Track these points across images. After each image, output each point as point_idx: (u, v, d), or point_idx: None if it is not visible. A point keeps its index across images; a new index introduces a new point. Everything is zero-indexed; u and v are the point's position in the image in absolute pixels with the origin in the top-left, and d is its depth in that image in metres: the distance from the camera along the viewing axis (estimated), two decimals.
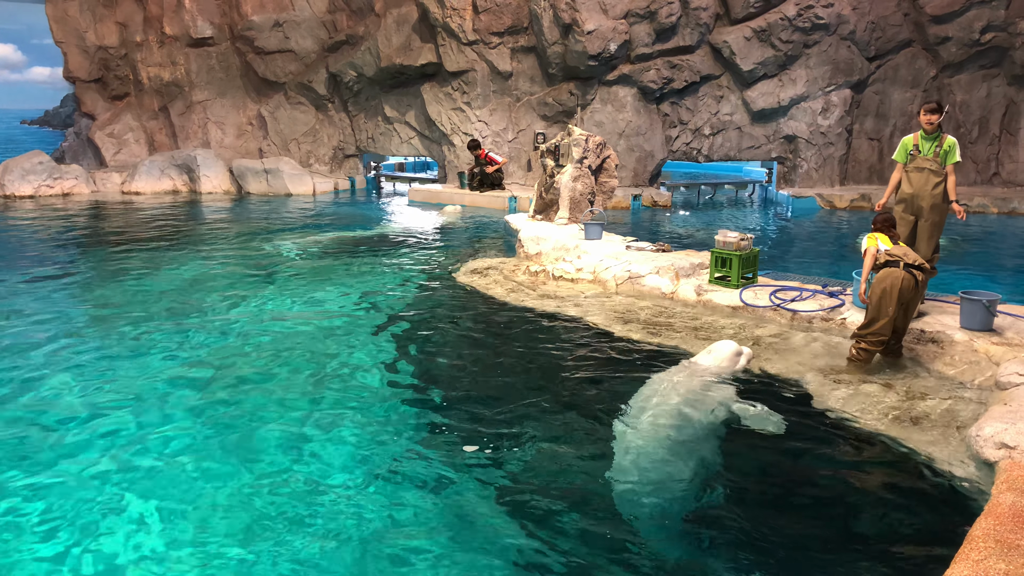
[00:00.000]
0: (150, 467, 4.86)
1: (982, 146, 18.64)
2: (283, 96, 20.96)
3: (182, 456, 5.00)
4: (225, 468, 4.84)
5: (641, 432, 5.09)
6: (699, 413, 5.34)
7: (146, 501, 4.45)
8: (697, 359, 6.29)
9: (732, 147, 18.80)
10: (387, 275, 10.18)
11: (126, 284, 9.60)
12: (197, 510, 4.37)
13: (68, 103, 24.98)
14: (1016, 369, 5.59)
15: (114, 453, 5.03)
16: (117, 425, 5.45)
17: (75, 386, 6.16)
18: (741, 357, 6.31)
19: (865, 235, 6.69)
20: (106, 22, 20.95)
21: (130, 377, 6.35)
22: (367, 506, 4.42)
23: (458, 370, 6.68)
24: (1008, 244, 13.81)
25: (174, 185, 19.70)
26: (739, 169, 22.30)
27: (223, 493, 4.54)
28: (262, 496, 4.51)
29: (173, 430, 5.38)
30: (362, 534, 4.15)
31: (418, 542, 4.08)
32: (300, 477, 4.74)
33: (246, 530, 4.18)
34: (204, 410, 5.71)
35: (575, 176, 12.06)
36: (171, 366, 6.65)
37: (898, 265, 6.21)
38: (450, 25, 18.01)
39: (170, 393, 6.04)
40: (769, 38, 17.58)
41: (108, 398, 5.92)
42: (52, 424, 5.48)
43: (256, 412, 5.67)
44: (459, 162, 19.06)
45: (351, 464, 4.92)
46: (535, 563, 3.93)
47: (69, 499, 4.47)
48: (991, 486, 4.10)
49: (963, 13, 17.62)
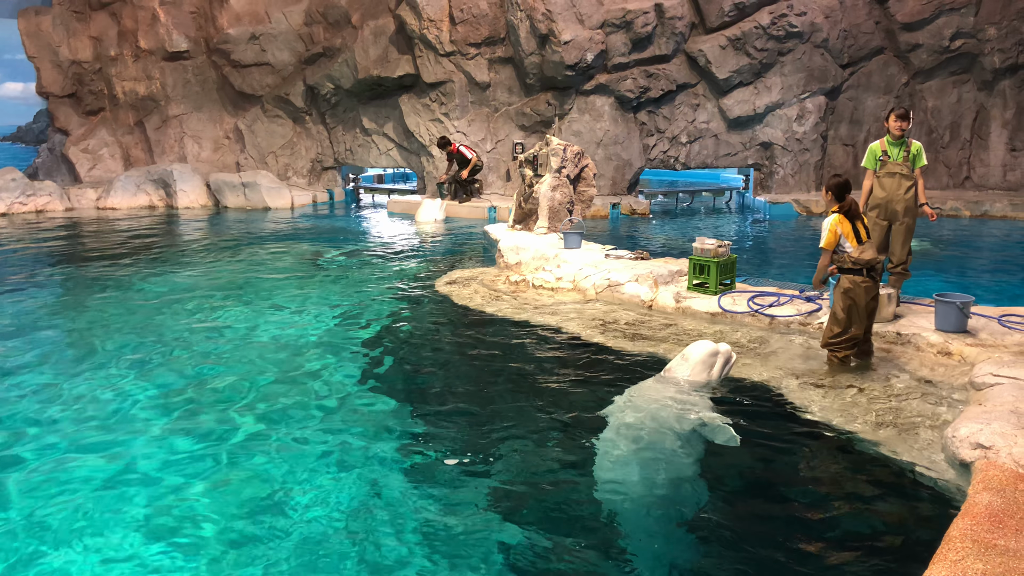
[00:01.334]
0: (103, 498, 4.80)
1: (954, 151, 18.91)
2: (260, 109, 20.88)
3: (162, 475, 4.94)
4: (195, 482, 4.79)
5: (614, 448, 5.08)
6: (670, 426, 5.34)
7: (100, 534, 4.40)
8: (672, 367, 6.10)
9: (709, 155, 18.95)
10: (366, 287, 10.14)
11: (98, 300, 9.50)
12: (184, 533, 4.32)
13: (41, 119, 24.78)
14: (990, 369, 5.66)
15: (82, 471, 4.96)
16: (87, 441, 5.38)
17: (31, 399, 6.08)
18: (718, 358, 6.06)
19: (826, 218, 6.33)
20: (80, 36, 20.79)
21: (98, 397, 6.27)
22: (344, 520, 4.38)
23: (438, 381, 6.66)
24: (981, 247, 14.00)
25: (150, 200, 19.54)
26: (716, 176, 22.49)
27: (199, 510, 4.50)
28: (238, 514, 4.46)
29: (142, 449, 5.32)
30: (342, 548, 4.11)
31: (400, 553, 4.06)
32: (272, 493, 4.69)
33: (225, 552, 4.13)
34: (177, 428, 5.65)
35: (554, 186, 12.10)
36: (139, 384, 6.56)
37: (862, 273, 6.22)
38: (427, 36, 18.04)
39: (135, 413, 5.95)
40: (744, 46, 17.76)
41: (73, 415, 5.85)
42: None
43: (230, 427, 5.62)
44: (437, 172, 19.05)
45: (325, 474, 4.88)
46: (520, 571, 3.92)
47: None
48: (968, 486, 4.14)
49: (933, 20, 17.91)
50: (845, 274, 6.25)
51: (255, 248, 13.26)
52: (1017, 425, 4.58)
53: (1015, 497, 3.83)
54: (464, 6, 17.90)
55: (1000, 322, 6.93)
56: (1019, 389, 5.25)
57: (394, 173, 24.02)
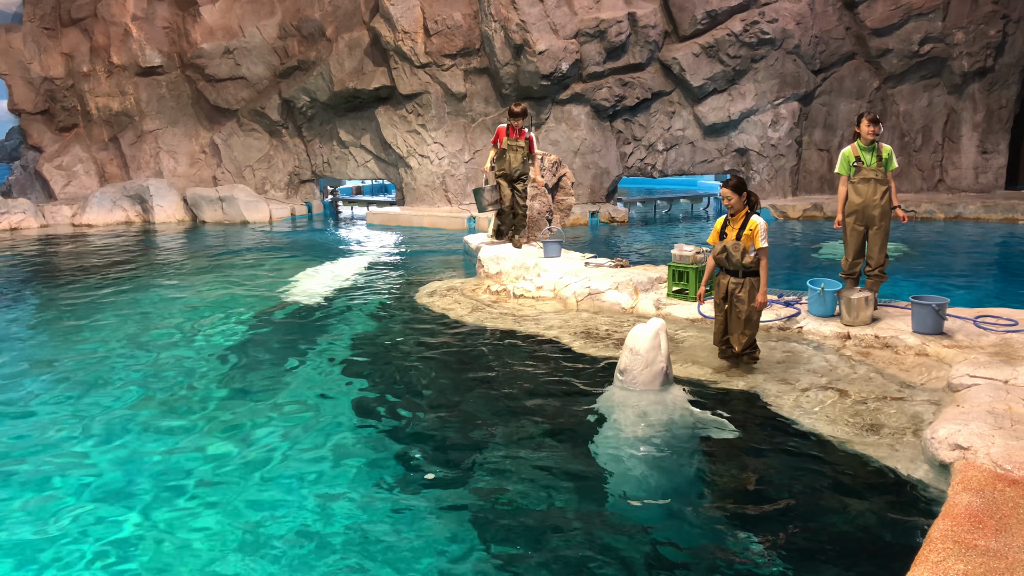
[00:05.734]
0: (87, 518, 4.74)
1: (926, 154, 19.18)
2: (236, 123, 20.78)
3: (146, 501, 4.88)
4: (180, 503, 4.74)
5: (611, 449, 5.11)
6: (672, 430, 5.38)
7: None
8: (627, 366, 5.93)
9: (686, 162, 19.09)
10: (345, 298, 10.09)
11: (70, 317, 9.39)
12: (172, 555, 4.27)
13: (14, 136, 24.45)
14: (967, 371, 5.72)
15: (57, 492, 4.89)
16: (64, 458, 5.31)
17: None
18: (660, 335, 5.92)
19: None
20: (51, 53, 20.61)
21: (66, 413, 6.19)
22: (329, 537, 4.35)
23: (420, 392, 6.63)
24: (955, 248, 14.18)
25: (127, 216, 19.37)
26: (694, 183, 22.65)
27: (187, 528, 4.45)
28: (223, 532, 4.42)
29: (124, 472, 5.25)
30: (328, 568, 4.08)
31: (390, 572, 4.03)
32: (259, 512, 4.65)
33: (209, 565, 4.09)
34: (158, 446, 5.59)
35: (532, 195, 12.12)
36: (115, 403, 6.49)
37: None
38: (402, 48, 18.05)
39: (113, 432, 5.89)
40: (717, 54, 17.93)
41: (43, 431, 5.77)
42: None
43: (210, 443, 5.57)
44: (416, 184, 19.04)
45: (310, 491, 4.84)
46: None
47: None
48: (947, 487, 4.18)
49: (902, 26, 18.18)
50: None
51: (232, 261, 13.16)
52: (994, 425, 4.63)
53: (994, 497, 3.87)
54: (438, 17, 17.94)
55: (975, 323, 7.02)
56: (996, 390, 5.32)
57: (372, 185, 23.97)
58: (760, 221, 6.27)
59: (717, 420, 5.59)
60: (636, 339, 5.95)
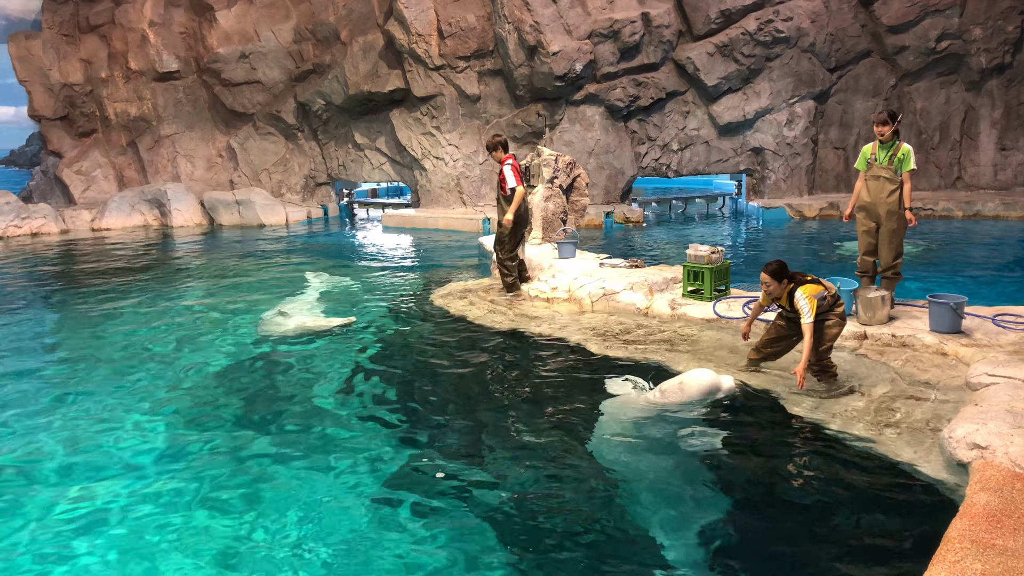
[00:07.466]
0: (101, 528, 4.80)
1: (944, 151, 19.03)
2: (252, 127, 20.93)
3: (164, 502, 4.94)
4: (190, 503, 4.79)
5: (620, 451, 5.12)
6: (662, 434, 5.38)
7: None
8: (666, 390, 5.85)
9: (701, 161, 19.03)
10: (361, 300, 10.15)
11: (91, 323, 9.49)
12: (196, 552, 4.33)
13: (34, 142, 24.82)
14: (986, 369, 5.68)
15: (80, 498, 4.96)
16: (83, 465, 5.38)
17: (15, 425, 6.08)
18: (719, 394, 5.81)
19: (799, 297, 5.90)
20: (70, 59, 20.86)
21: (90, 416, 6.27)
22: (348, 536, 4.39)
23: (438, 394, 6.66)
24: (973, 246, 14.06)
25: (145, 220, 19.55)
26: (709, 183, 22.58)
27: (200, 529, 4.50)
28: (237, 533, 4.46)
29: (139, 475, 5.32)
30: (344, 567, 4.12)
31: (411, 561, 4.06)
32: (277, 511, 4.69)
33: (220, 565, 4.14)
34: (178, 449, 5.65)
35: (546, 196, 12.14)
36: (136, 405, 6.56)
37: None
38: (416, 51, 18.12)
39: (133, 435, 5.96)
40: (731, 53, 17.87)
41: (66, 435, 5.84)
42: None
43: (230, 443, 5.62)
44: (431, 186, 19.10)
45: (330, 489, 4.88)
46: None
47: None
48: (965, 486, 4.16)
49: (918, 22, 18.05)
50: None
51: (251, 263, 13.26)
52: (1013, 424, 4.60)
53: (1012, 496, 3.85)
54: (452, 20, 18.00)
55: (994, 322, 6.96)
56: (1015, 388, 5.28)
57: (388, 187, 24.07)
58: (803, 302, 5.82)
59: (730, 420, 5.58)
60: (691, 377, 5.81)
